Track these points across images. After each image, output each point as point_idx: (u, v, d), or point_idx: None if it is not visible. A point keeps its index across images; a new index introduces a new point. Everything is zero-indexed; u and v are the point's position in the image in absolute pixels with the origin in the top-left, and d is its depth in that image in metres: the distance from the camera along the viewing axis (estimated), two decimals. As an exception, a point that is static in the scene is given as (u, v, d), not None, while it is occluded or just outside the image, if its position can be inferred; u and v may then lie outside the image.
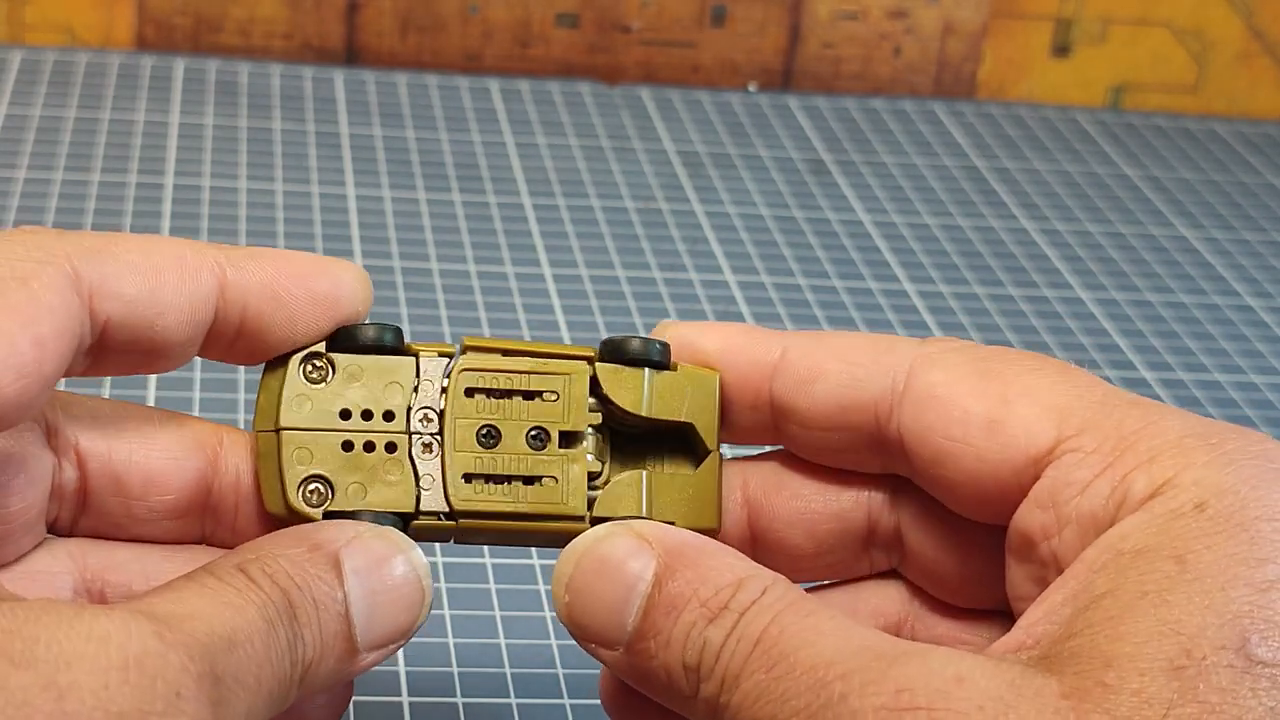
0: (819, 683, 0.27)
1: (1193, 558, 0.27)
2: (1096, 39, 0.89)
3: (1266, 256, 0.74)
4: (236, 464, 0.33)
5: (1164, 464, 0.29)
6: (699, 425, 0.33)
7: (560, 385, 0.33)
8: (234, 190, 0.69)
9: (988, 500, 0.31)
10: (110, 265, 0.30)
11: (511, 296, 0.63)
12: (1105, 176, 0.81)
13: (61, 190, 0.67)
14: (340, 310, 0.32)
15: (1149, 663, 0.26)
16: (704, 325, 0.34)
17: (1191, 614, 0.26)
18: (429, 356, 0.33)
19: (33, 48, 0.80)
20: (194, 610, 0.27)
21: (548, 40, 0.84)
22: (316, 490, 0.32)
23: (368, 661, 0.30)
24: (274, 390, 0.32)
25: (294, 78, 0.81)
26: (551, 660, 0.45)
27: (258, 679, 0.27)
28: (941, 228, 0.74)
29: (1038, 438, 0.30)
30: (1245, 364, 0.65)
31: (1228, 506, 0.27)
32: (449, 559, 0.48)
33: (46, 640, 0.25)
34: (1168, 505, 0.28)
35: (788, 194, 0.75)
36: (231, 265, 0.31)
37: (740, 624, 0.28)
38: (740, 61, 0.86)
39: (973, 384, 0.31)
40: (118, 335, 0.30)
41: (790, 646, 0.28)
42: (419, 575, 0.31)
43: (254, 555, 0.29)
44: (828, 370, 0.33)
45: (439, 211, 0.70)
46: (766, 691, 0.27)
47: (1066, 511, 0.29)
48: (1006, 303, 0.67)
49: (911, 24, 0.87)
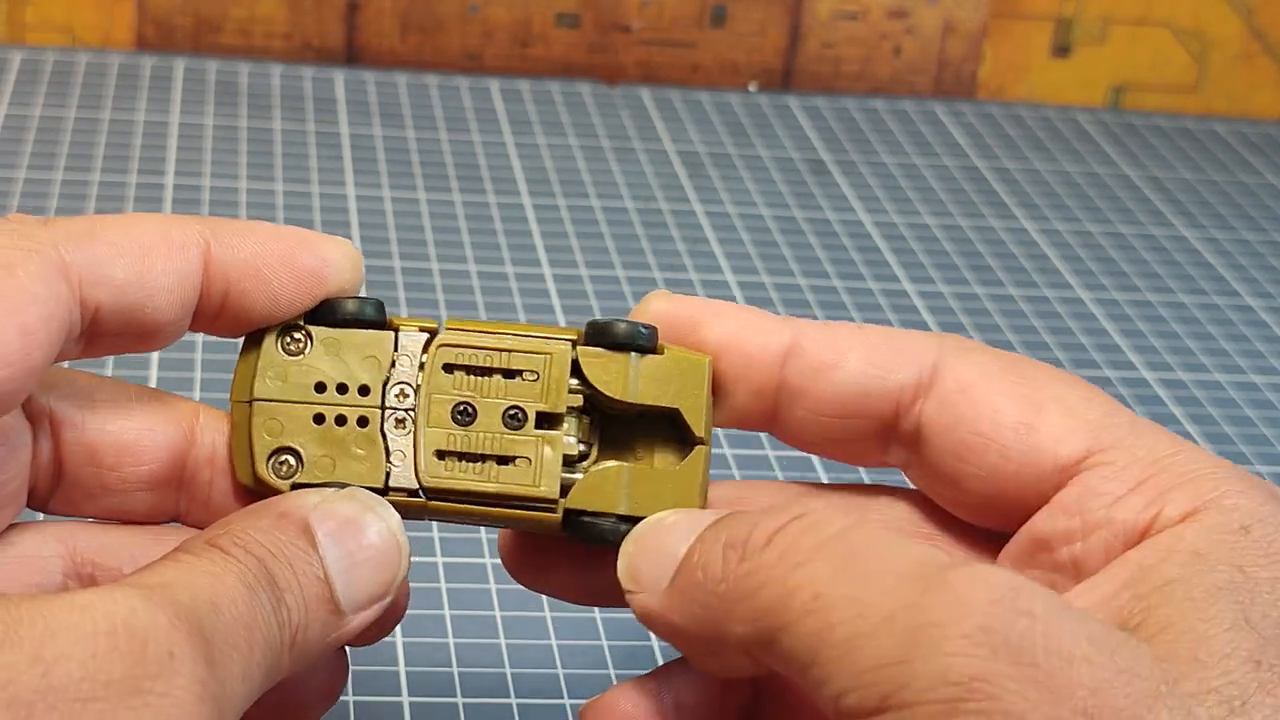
0: (918, 563, 0.26)
1: (1251, 570, 0.28)
2: (1096, 39, 0.89)
3: (1266, 256, 0.74)
4: (213, 438, 0.33)
5: (1202, 486, 0.29)
6: (685, 411, 0.33)
7: (540, 365, 0.32)
8: (234, 190, 0.69)
9: (1001, 501, 0.31)
10: (97, 250, 0.30)
11: (511, 296, 0.63)
12: (1105, 176, 0.81)
13: (61, 190, 0.67)
14: (325, 287, 0.32)
15: (1234, 649, 0.26)
16: (707, 305, 0.33)
17: (1263, 618, 0.27)
18: (409, 331, 0.32)
19: (33, 48, 0.80)
20: (173, 579, 0.27)
21: (548, 40, 0.84)
22: (286, 462, 0.32)
23: (356, 623, 0.30)
24: (251, 362, 0.32)
25: (294, 78, 0.81)
26: (551, 660, 0.45)
27: (248, 642, 0.27)
28: (941, 228, 0.74)
29: (1068, 447, 0.31)
30: (1245, 364, 0.65)
31: (1269, 534, 0.28)
32: (448, 559, 0.48)
33: (29, 618, 0.24)
34: (1215, 520, 0.29)
35: (788, 194, 0.75)
36: (215, 239, 0.31)
37: (807, 520, 0.28)
38: (740, 61, 0.86)
39: (1006, 385, 0.31)
40: (109, 319, 0.30)
41: (870, 547, 0.27)
42: (392, 531, 0.30)
43: (224, 530, 0.29)
44: (851, 357, 0.33)
45: (439, 211, 0.70)
46: (843, 574, 0.26)
47: (1095, 519, 0.30)
48: (1006, 303, 0.67)
49: (911, 24, 0.87)
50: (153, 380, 0.54)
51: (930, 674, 0.25)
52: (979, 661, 0.25)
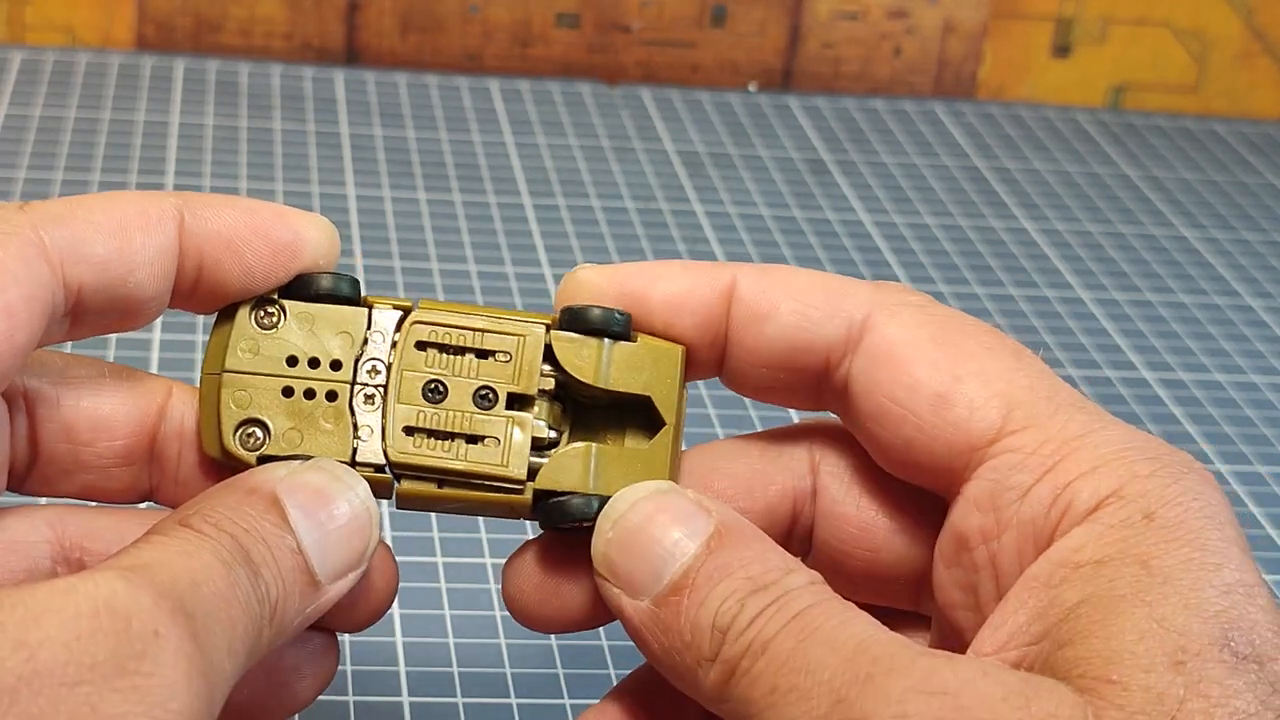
0: (849, 658, 0.27)
1: (1155, 563, 0.27)
2: (1096, 39, 0.89)
3: (1266, 256, 0.74)
4: (183, 412, 0.33)
5: (1108, 474, 0.29)
6: (656, 398, 0.32)
7: (514, 347, 0.32)
8: (234, 190, 0.69)
9: (918, 469, 0.31)
10: (75, 229, 0.30)
11: (511, 296, 0.63)
12: (1105, 176, 0.81)
13: (61, 190, 0.67)
14: (300, 261, 0.32)
15: (1150, 659, 0.26)
16: (641, 270, 0.33)
17: (1175, 612, 0.26)
18: (383, 309, 0.32)
19: (33, 48, 0.80)
20: (151, 560, 0.27)
21: (548, 40, 0.84)
22: (253, 434, 0.32)
23: (333, 592, 0.30)
24: (224, 334, 0.32)
25: (294, 78, 0.81)
26: (551, 660, 0.45)
27: (230, 617, 0.27)
28: (941, 228, 0.74)
29: (981, 424, 0.30)
30: (1245, 364, 0.65)
31: (1175, 516, 0.28)
32: (448, 559, 0.48)
33: (11, 603, 0.24)
34: (1117, 515, 0.28)
35: (788, 194, 0.75)
36: (189, 212, 0.31)
37: (782, 600, 0.28)
38: (740, 61, 0.86)
39: (928, 350, 0.31)
40: (93, 298, 0.30)
41: (826, 625, 0.27)
42: (361, 499, 0.30)
43: (194, 510, 0.29)
44: (780, 309, 0.32)
45: (439, 211, 0.70)
46: (794, 658, 0.27)
47: (1007, 516, 0.29)
48: (1006, 303, 0.67)
49: (911, 24, 0.87)
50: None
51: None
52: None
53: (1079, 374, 0.62)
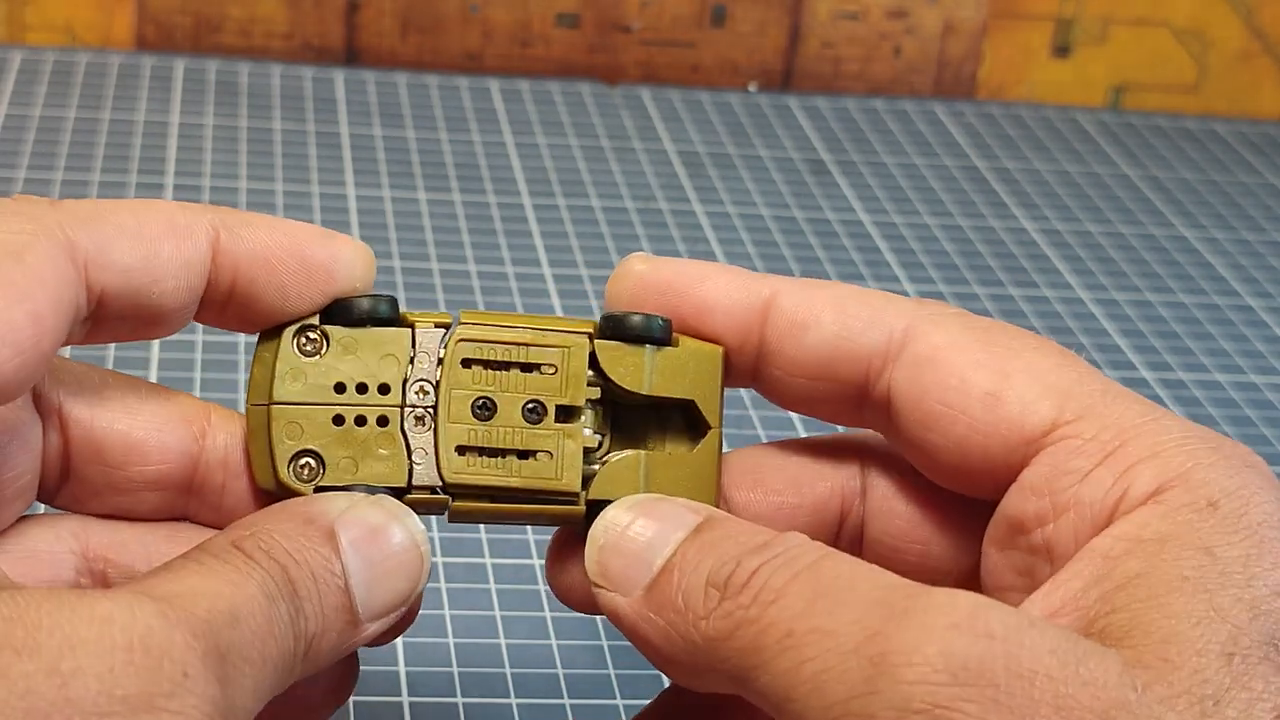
0: (881, 596, 0.26)
1: (1219, 551, 0.27)
2: (1096, 39, 0.89)
3: (1266, 256, 0.74)
4: (225, 441, 0.32)
5: (1170, 460, 0.28)
6: (700, 401, 0.33)
7: (558, 358, 0.32)
8: (234, 190, 0.69)
9: (972, 472, 0.31)
10: (105, 233, 0.29)
11: (511, 296, 0.63)
12: (1105, 176, 0.81)
13: (62, 190, 0.67)
14: (335, 283, 0.32)
15: (1204, 644, 0.26)
16: (687, 267, 0.33)
17: (1232, 604, 0.26)
18: (425, 328, 0.32)
19: (33, 48, 0.80)
20: (193, 588, 0.27)
21: (548, 40, 0.84)
22: (307, 465, 0.32)
23: (370, 631, 0.30)
24: (267, 363, 0.32)
25: (294, 78, 0.81)
26: (551, 660, 0.45)
27: (262, 655, 0.27)
28: (941, 228, 0.74)
29: (1035, 416, 0.30)
30: (1245, 364, 0.65)
31: (1237, 508, 0.28)
32: (449, 559, 0.48)
33: (49, 626, 0.24)
34: (1181, 499, 0.28)
35: (788, 194, 0.75)
36: (225, 229, 0.31)
37: (785, 554, 0.28)
38: (740, 61, 0.86)
39: (974, 353, 0.31)
40: (114, 304, 0.30)
41: (845, 572, 0.27)
42: (416, 542, 0.30)
43: (249, 532, 0.29)
44: (822, 319, 0.32)
45: (439, 211, 0.70)
46: (814, 604, 0.26)
47: (1064, 499, 0.29)
48: (1006, 303, 0.67)
49: (911, 24, 0.87)
50: (153, 375, 0.54)
51: (894, 704, 0.25)
52: (939, 689, 0.25)
53: (1079, 374, 0.63)
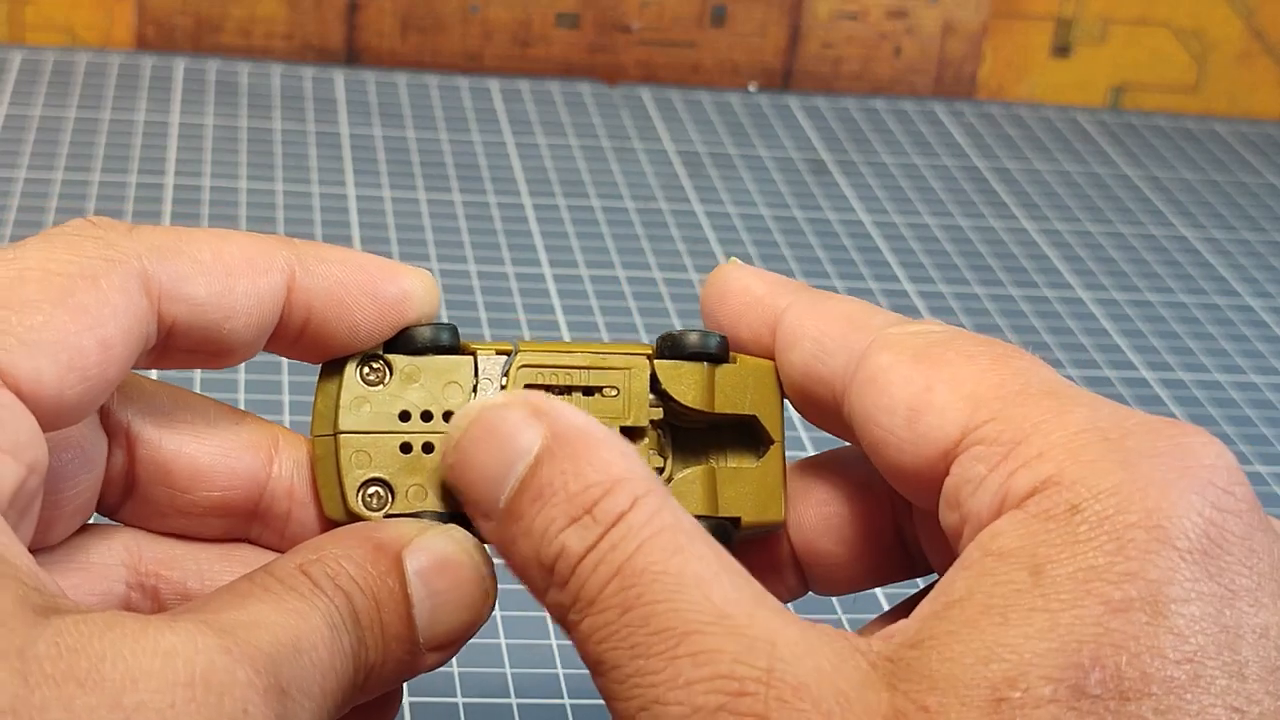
0: (670, 648, 0.26)
1: (1050, 568, 0.25)
2: (1096, 39, 0.89)
3: (1266, 256, 0.74)
4: (291, 468, 0.32)
5: (1049, 460, 0.26)
6: (762, 416, 0.33)
7: (620, 380, 0.32)
8: (234, 190, 0.69)
9: (916, 491, 0.29)
10: (181, 266, 0.29)
11: (511, 296, 0.63)
12: (1105, 176, 0.81)
13: (61, 190, 0.67)
14: (405, 318, 0.32)
15: (971, 691, 0.24)
16: (724, 276, 0.33)
17: (1029, 637, 0.25)
18: (487, 355, 0.32)
19: (33, 48, 0.80)
20: (258, 618, 0.26)
21: (548, 40, 0.84)
22: (376, 494, 0.32)
23: (430, 662, 0.29)
24: (331, 394, 0.32)
25: (294, 78, 0.81)
26: (551, 660, 0.45)
27: (322, 688, 0.27)
28: (941, 228, 0.74)
29: (948, 428, 0.28)
30: (1245, 364, 0.65)
31: (1103, 510, 0.25)
32: (449, 559, 0.48)
33: (112, 658, 0.24)
34: (1042, 505, 0.26)
35: (788, 194, 0.75)
36: (301, 266, 0.31)
37: (604, 544, 0.27)
38: (740, 61, 0.86)
39: (905, 369, 0.29)
40: (184, 336, 0.30)
41: (650, 595, 0.26)
42: (481, 574, 0.30)
43: (315, 556, 0.28)
44: (802, 340, 0.32)
45: (439, 211, 0.70)
46: (616, 636, 0.26)
47: (966, 510, 0.27)
48: (1006, 303, 0.67)
49: (911, 24, 0.87)
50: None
51: None
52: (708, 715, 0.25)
53: (1079, 374, 0.62)
